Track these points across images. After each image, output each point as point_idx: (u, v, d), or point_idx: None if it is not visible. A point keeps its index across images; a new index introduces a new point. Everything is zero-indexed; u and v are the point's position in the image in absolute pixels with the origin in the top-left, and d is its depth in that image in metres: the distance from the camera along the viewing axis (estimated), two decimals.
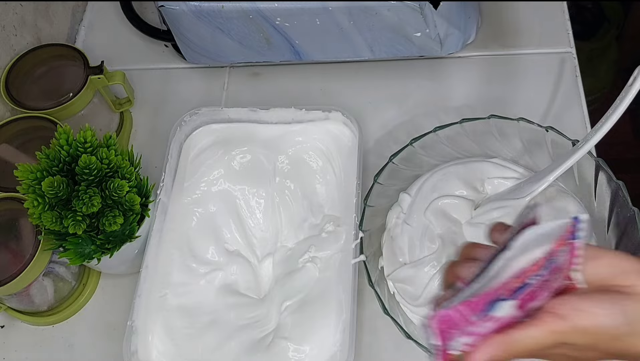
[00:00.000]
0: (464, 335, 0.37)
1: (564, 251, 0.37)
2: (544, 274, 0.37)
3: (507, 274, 0.36)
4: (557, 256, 0.37)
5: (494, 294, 0.37)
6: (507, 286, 0.37)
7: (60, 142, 0.60)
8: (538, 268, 0.37)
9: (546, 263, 0.37)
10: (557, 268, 0.38)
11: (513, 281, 0.37)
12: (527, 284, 0.37)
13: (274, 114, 0.72)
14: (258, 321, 0.64)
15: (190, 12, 0.70)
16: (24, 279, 0.60)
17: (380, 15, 0.69)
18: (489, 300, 0.37)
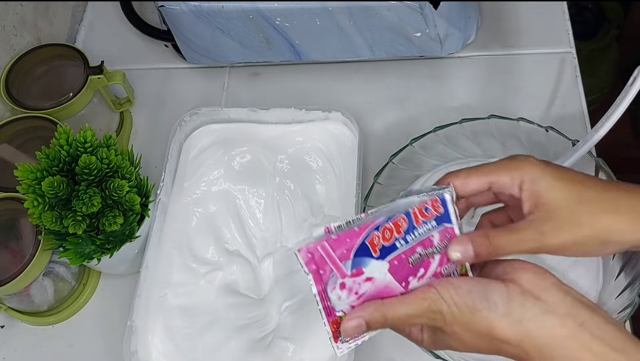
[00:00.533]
0: (339, 287, 0.42)
1: (429, 224, 0.42)
2: (409, 241, 0.42)
3: (371, 223, 0.41)
4: (419, 225, 0.42)
5: (357, 237, 0.41)
6: (371, 239, 0.41)
7: (60, 142, 0.60)
8: (400, 229, 0.42)
9: (409, 227, 0.42)
10: (428, 242, 0.42)
11: (377, 236, 0.41)
12: (394, 248, 0.42)
13: (274, 114, 0.72)
14: (258, 321, 0.64)
15: (190, 12, 0.70)
16: (24, 279, 0.60)
17: (380, 15, 0.69)
18: (353, 246, 0.41)
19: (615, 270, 0.59)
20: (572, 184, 0.43)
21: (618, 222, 0.42)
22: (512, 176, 0.43)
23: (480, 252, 0.43)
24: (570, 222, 0.42)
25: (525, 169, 0.43)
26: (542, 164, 0.44)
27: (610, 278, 0.60)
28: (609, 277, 0.61)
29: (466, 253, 0.43)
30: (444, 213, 0.43)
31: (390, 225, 0.42)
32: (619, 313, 0.56)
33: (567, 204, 0.42)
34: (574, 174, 0.44)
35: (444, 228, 0.43)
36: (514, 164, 0.44)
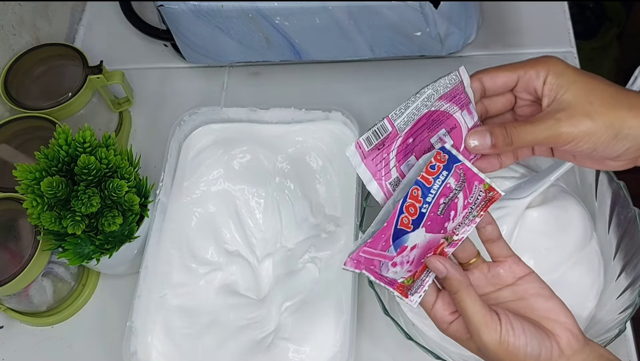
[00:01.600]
0: (390, 267, 0.46)
1: (439, 178, 0.45)
2: (430, 202, 0.45)
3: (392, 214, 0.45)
4: (431, 184, 0.45)
5: (387, 232, 0.45)
6: (401, 222, 0.45)
7: (59, 142, 0.59)
8: (418, 197, 0.45)
9: (424, 192, 0.45)
10: (445, 190, 0.45)
11: (403, 217, 0.45)
12: (421, 214, 0.45)
13: (273, 113, 0.72)
14: (258, 321, 0.64)
15: (189, 11, 0.70)
16: (23, 279, 0.60)
17: (380, 14, 0.68)
18: (388, 237, 0.45)
19: (616, 271, 0.59)
20: (591, 80, 0.45)
21: (632, 116, 0.44)
22: (537, 70, 0.46)
23: (497, 142, 0.45)
24: (586, 112, 0.44)
25: (550, 64, 0.46)
26: (566, 63, 0.46)
27: (611, 279, 0.60)
28: (610, 277, 0.60)
29: (483, 142, 0.46)
30: (449, 158, 0.46)
31: (409, 201, 0.45)
32: (619, 314, 0.55)
33: (585, 96, 0.44)
34: (594, 75, 0.46)
35: (454, 169, 0.46)
36: (541, 60, 0.47)
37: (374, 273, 0.47)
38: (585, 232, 0.62)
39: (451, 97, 0.48)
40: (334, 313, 0.62)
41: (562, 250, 0.61)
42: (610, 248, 0.61)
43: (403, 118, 0.46)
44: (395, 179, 0.48)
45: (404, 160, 0.48)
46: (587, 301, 0.60)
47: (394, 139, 0.46)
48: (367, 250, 0.45)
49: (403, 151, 0.48)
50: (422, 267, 0.48)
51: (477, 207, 0.48)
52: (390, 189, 0.48)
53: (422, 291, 0.48)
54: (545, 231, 0.61)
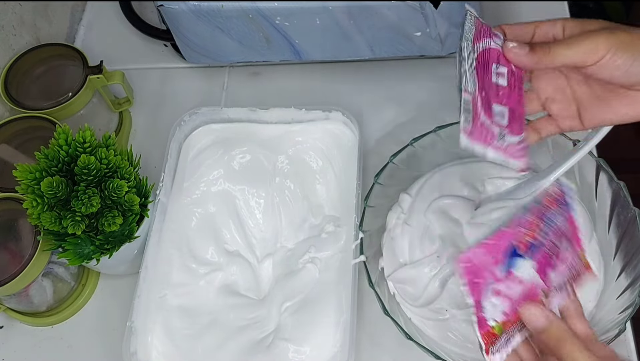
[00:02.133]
0: (493, 294, 0.43)
1: (557, 213, 0.45)
2: (548, 233, 0.44)
3: (513, 221, 0.44)
4: (550, 214, 0.45)
5: (508, 239, 0.43)
6: (519, 238, 0.43)
7: (59, 142, 0.59)
8: (538, 221, 0.45)
9: (545, 219, 0.45)
10: (559, 231, 0.45)
11: (523, 233, 0.44)
12: (539, 243, 0.44)
13: (273, 114, 0.72)
14: (258, 322, 0.64)
15: (189, 11, 0.70)
16: (23, 279, 0.59)
17: (380, 14, 0.68)
18: (505, 248, 0.43)
19: (616, 271, 0.59)
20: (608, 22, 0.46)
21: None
22: (554, 22, 0.48)
23: (536, 49, 0.46)
24: (610, 32, 0.45)
25: (566, 19, 0.48)
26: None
27: (611, 279, 0.60)
28: (610, 277, 0.60)
29: (522, 49, 0.46)
30: (567, 204, 0.47)
31: (528, 220, 0.45)
32: (619, 314, 0.55)
33: (607, 25, 0.46)
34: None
35: (568, 215, 0.47)
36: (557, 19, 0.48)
37: (475, 292, 0.44)
38: (585, 232, 0.62)
39: (479, 36, 0.48)
40: (334, 313, 0.62)
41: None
42: (610, 248, 0.61)
43: (469, 80, 0.46)
44: (498, 132, 0.46)
45: (490, 112, 0.47)
46: (587, 301, 0.60)
47: (475, 103, 0.46)
48: (479, 253, 0.43)
49: (485, 105, 0.47)
50: (514, 317, 0.44)
51: (571, 277, 0.46)
52: (503, 146, 0.47)
53: (505, 352, 0.44)
54: (545, 231, 0.61)
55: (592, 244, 0.62)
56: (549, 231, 0.45)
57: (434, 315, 0.61)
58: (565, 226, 0.45)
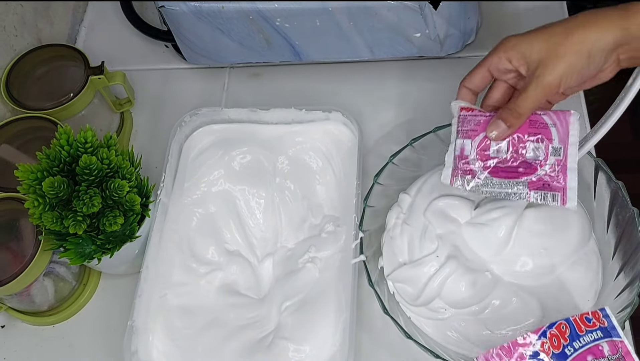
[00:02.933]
0: None
1: (592, 334, 0.49)
2: (576, 348, 0.48)
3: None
4: (583, 333, 0.49)
5: (526, 345, 0.48)
6: (541, 346, 0.48)
7: (61, 142, 0.60)
8: (565, 335, 0.48)
9: (572, 334, 0.49)
10: (596, 351, 0.48)
11: (544, 342, 0.48)
12: (564, 354, 0.48)
13: (274, 114, 0.72)
14: (258, 321, 0.64)
15: (190, 12, 0.70)
16: (24, 279, 0.60)
17: (380, 15, 0.69)
18: (525, 353, 0.48)
19: (615, 270, 0.60)
20: (541, 30, 0.51)
21: (590, 32, 0.49)
22: (498, 55, 0.53)
23: (510, 121, 0.52)
24: (555, 55, 0.50)
25: (505, 44, 0.53)
26: (516, 36, 0.53)
27: (609, 278, 0.60)
28: (608, 277, 0.61)
29: (500, 129, 0.53)
30: (609, 325, 0.49)
31: (555, 331, 0.48)
32: (618, 313, 0.56)
33: (546, 45, 0.50)
34: (541, 27, 0.52)
35: (613, 341, 0.49)
36: (496, 47, 0.54)
37: None
38: (583, 232, 0.62)
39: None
40: (333, 313, 0.62)
41: (560, 250, 0.61)
42: (609, 247, 0.61)
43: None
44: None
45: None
46: (585, 300, 0.60)
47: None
48: (501, 355, 0.47)
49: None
50: None
51: None
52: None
53: None
54: (544, 231, 0.61)
55: (591, 244, 0.62)
56: (580, 348, 0.48)
57: (434, 314, 0.61)
58: (609, 349, 0.49)
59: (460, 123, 0.55)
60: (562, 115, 0.53)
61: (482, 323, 0.60)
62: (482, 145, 0.54)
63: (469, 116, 0.55)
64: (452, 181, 0.55)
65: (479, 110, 0.55)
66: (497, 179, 0.54)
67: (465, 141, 0.55)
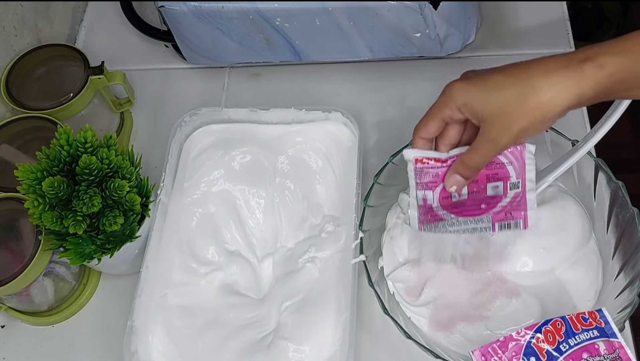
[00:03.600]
0: None
1: (588, 333, 0.49)
2: (572, 345, 0.48)
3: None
4: (579, 331, 0.49)
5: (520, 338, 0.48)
6: (535, 341, 0.49)
7: (61, 142, 0.60)
8: (560, 332, 0.49)
9: (568, 331, 0.49)
10: (592, 349, 0.48)
11: (539, 337, 0.48)
12: (559, 350, 0.48)
13: (274, 114, 0.72)
14: (258, 321, 0.64)
15: (190, 12, 0.70)
16: (24, 279, 0.60)
17: (380, 15, 0.69)
18: (521, 346, 0.48)
19: (615, 270, 0.60)
20: (493, 90, 0.49)
21: (544, 99, 0.47)
22: (450, 108, 0.51)
23: (466, 174, 0.53)
24: (509, 121, 0.48)
25: (454, 97, 0.50)
26: (465, 85, 0.50)
27: (609, 278, 0.60)
28: (608, 277, 0.61)
29: (459, 183, 0.53)
30: (606, 326, 0.50)
31: (550, 328, 0.48)
32: (618, 313, 0.56)
33: (500, 112, 0.48)
34: (491, 76, 0.50)
35: (611, 341, 0.49)
36: (446, 97, 0.51)
37: None
38: (583, 232, 0.62)
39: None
40: (333, 313, 0.62)
41: (560, 250, 0.61)
42: (609, 247, 0.61)
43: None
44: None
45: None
46: (585, 300, 0.60)
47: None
48: (496, 349, 0.48)
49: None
50: None
51: None
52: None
53: None
54: (544, 231, 0.61)
55: (591, 244, 0.62)
56: (576, 345, 0.49)
57: None
58: (606, 348, 0.49)
59: (417, 175, 0.55)
60: (517, 151, 0.53)
61: (483, 323, 0.60)
62: (443, 194, 0.55)
63: (425, 168, 0.54)
64: (420, 228, 0.57)
65: (434, 159, 0.54)
66: (462, 217, 0.55)
67: (427, 192, 0.55)
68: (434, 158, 0.54)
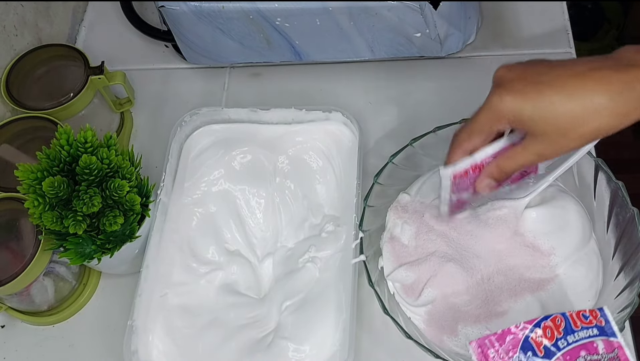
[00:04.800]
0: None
1: (588, 330, 0.48)
2: (570, 342, 0.48)
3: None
4: (578, 328, 0.49)
5: (519, 332, 0.48)
6: (533, 336, 0.48)
7: (61, 142, 0.60)
8: (560, 328, 0.48)
9: (567, 328, 0.48)
10: (590, 347, 0.48)
11: (537, 332, 0.48)
12: (556, 347, 0.48)
13: (274, 114, 0.72)
14: (258, 321, 0.64)
15: (190, 12, 0.70)
16: (24, 279, 0.60)
17: (380, 15, 0.69)
18: (518, 340, 0.48)
19: (615, 270, 0.60)
20: (549, 108, 0.46)
21: (601, 122, 0.45)
22: (502, 123, 0.48)
23: (499, 178, 0.52)
24: (564, 140, 0.46)
25: (506, 112, 0.47)
26: (517, 98, 0.47)
27: (609, 278, 0.60)
28: (608, 277, 0.61)
29: (491, 185, 0.52)
30: (606, 325, 0.49)
31: (550, 323, 0.48)
32: (618, 313, 0.56)
33: (556, 127, 0.46)
34: (546, 89, 0.46)
35: (610, 340, 0.49)
36: (496, 111, 0.48)
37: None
38: (583, 232, 0.62)
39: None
40: (333, 312, 0.62)
41: (561, 250, 0.61)
42: (609, 247, 0.61)
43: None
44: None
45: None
46: (585, 300, 0.60)
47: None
48: (493, 342, 0.48)
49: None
50: None
51: None
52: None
53: None
54: (544, 231, 0.61)
55: (591, 243, 0.62)
56: (574, 342, 0.48)
57: None
58: (604, 347, 0.49)
59: (454, 187, 0.55)
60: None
61: (483, 324, 0.60)
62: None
63: (462, 179, 0.54)
64: (451, 214, 0.59)
65: (471, 167, 0.53)
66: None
67: (461, 193, 0.56)
68: (471, 167, 0.53)
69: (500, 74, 0.49)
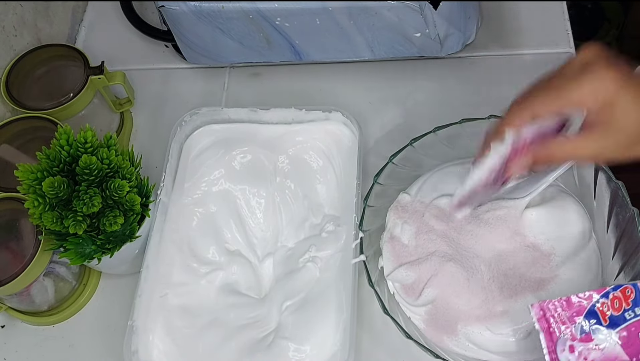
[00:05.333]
0: (567, 348, 0.46)
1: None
2: (638, 314, 0.46)
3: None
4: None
5: (587, 300, 0.47)
6: (600, 306, 0.47)
7: (61, 142, 0.60)
8: (628, 299, 0.47)
9: (637, 298, 0.47)
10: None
11: (604, 302, 0.46)
12: (622, 318, 0.46)
13: (274, 114, 0.72)
14: (258, 321, 0.64)
15: (190, 12, 0.70)
16: (24, 279, 0.60)
17: (380, 15, 0.69)
18: (583, 308, 0.47)
19: (615, 270, 0.60)
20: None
21: None
22: (594, 101, 0.42)
23: (543, 161, 0.47)
24: (635, 137, 0.42)
25: (602, 88, 0.42)
26: (625, 82, 0.41)
27: (609, 278, 0.60)
28: (608, 277, 0.61)
29: (526, 167, 0.48)
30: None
31: (619, 294, 0.47)
32: None
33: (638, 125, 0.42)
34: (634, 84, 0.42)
35: None
36: (595, 86, 0.42)
37: (549, 339, 0.46)
38: (584, 232, 0.62)
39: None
40: (334, 312, 0.62)
41: (561, 250, 0.61)
42: (609, 247, 0.61)
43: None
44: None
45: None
46: None
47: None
48: (557, 307, 0.46)
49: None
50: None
51: None
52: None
53: None
54: (544, 231, 0.61)
55: (591, 243, 0.62)
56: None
57: None
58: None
59: (496, 169, 0.51)
60: None
61: (483, 324, 0.60)
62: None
63: (515, 149, 0.50)
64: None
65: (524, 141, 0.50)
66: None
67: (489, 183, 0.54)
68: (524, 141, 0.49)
69: (608, 54, 0.43)
